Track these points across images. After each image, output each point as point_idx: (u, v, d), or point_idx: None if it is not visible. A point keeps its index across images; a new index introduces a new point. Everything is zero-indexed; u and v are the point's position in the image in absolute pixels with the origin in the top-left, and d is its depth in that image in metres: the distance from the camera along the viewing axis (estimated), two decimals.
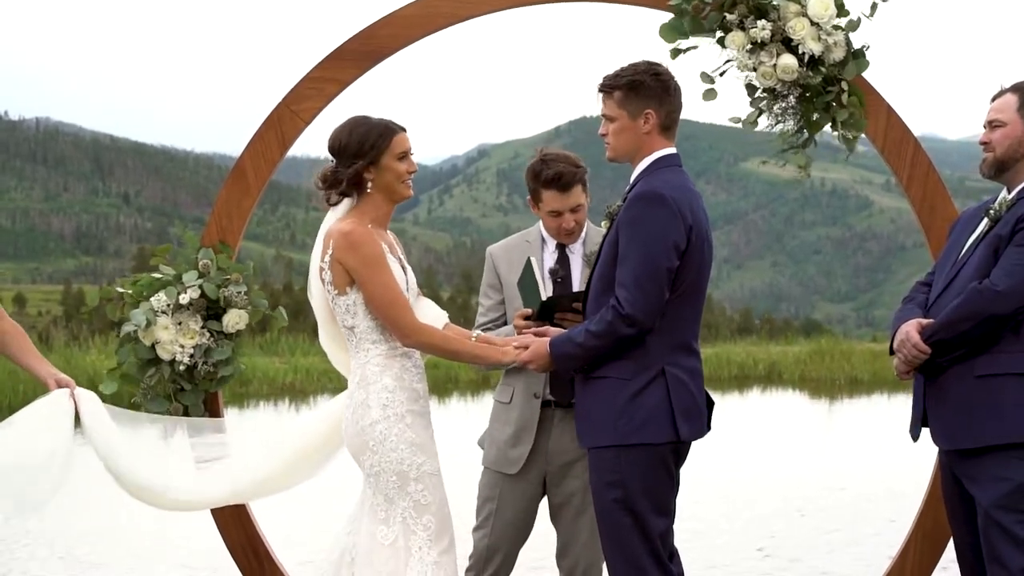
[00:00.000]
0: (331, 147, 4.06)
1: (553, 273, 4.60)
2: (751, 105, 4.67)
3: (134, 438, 4.27)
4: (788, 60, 4.52)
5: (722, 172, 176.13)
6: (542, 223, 4.65)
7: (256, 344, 21.31)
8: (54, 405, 4.14)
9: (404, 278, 4.06)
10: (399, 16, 4.97)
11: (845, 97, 4.59)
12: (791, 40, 4.53)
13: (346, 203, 4.07)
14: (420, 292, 4.19)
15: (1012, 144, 4.16)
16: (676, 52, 4.62)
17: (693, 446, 4.01)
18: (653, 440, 3.84)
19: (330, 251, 3.97)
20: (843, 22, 4.57)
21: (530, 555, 4.89)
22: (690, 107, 4.16)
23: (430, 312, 4.15)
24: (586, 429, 3.95)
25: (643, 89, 3.96)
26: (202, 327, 4.78)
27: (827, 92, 4.60)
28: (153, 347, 4.75)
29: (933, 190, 4.91)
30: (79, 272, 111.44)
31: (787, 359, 22.67)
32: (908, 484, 8.33)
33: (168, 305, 4.73)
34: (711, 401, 4.05)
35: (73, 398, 4.16)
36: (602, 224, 4.50)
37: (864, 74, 4.71)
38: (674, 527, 4.00)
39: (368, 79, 5.03)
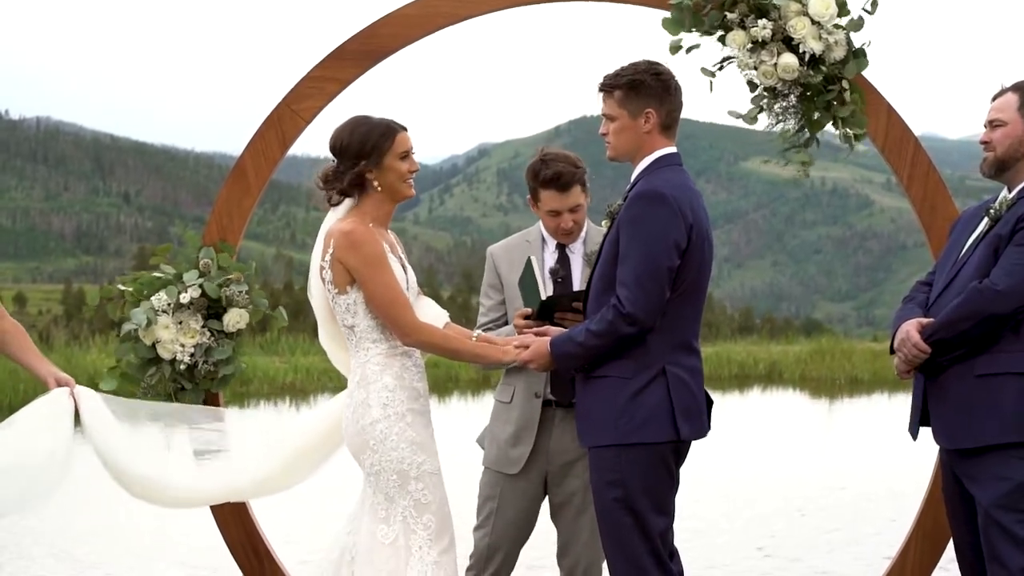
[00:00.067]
0: (332, 146, 4.06)
1: (553, 273, 4.59)
2: (752, 102, 4.67)
3: (133, 435, 4.27)
4: (789, 59, 4.52)
5: (722, 171, 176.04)
6: (541, 222, 4.65)
7: (256, 343, 21.31)
8: (54, 404, 4.14)
9: (405, 277, 4.06)
10: (399, 15, 4.97)
11: (848, 95, 4.59)
12: (792, 39, 4.53)
13: (347, 203, 4.07)
14: (421, 291, 4.19)
15: (1012, 143, 4.16)
16: (675, 48, 4.61)
17: (693, 445, 4.01)
18: (654, 439, 3.85)
19: (331, 250, 3.97)
20: (844, 21, 4.57)
21: (530, 554, 4.89)
22: (690, 106, 4.16)
23: (430, 311, 4.15)
24: (587, 428, 3.95)
25: (643, 88, 3.96)
26: (203, 326, 4.78)
27: (828, 91, 4.60)
28: (154, 346, 4.75)
29: (934, 189, 4.92)
30: (79, 271, 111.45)
31: (787, 358, 22.67)
32: (908, 484, 8.32)
33: (169, 304, 4.73)
34: (710, 400, 4.05)
35: (73, 397, 4.17)
36: (603, 223, 4.50)
37: (864, 73, 4.71)
38: (674, 526, 4.00)
39: (368, 78, 5.05)
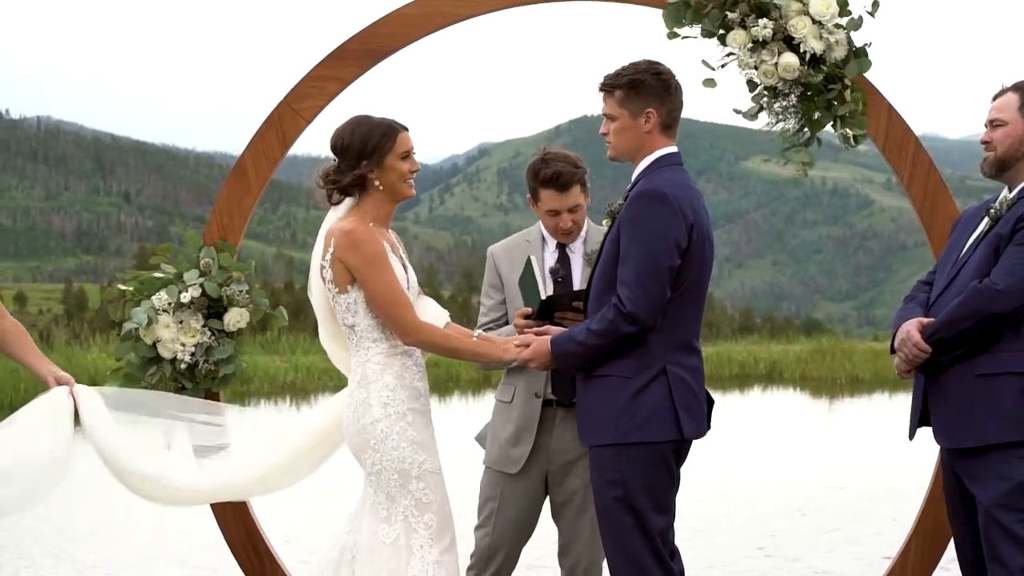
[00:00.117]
0: (333, 146, 4.06)
1: (554, 272, 4.59)
2: (752, 101, 4.67)
3: (133, 434, 4.27)
4: (789, 59, 4.52)
5: (723, 171, 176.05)
6: (541, 222, 4.65)
7: (257, 343, 21.31)
8: (53, 403, 4.14)
9: (405, 277, 4.06)
10: (400, 15, 4.97)
11: (848, 94, 4.59)
12: (792, 39, 4.53)
13: (347, 202, 4.06)
14: (421, 291, 4.19)
15: (1013, 143, 4.16)
16: (673, 34, 4.60)
17: (694, 445, 4.01)
18: (654, 439, 3.85)
19: (331, 249, 3.97)
20: (845, 21, 4.56)
21: (531, 553, 4.89)
22: (691, 106, 4.15)
23: (431, 311, 4.14)
24: (587, 427, 3.95)
25: (644, 88, 3.95)
26: (203, 326, 4.79)
27: (828, 91, 4.59)
28: (154, 345, 4.75)
29: (934, 189, 4.91)
30: (80, 271, 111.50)
31: (788, 358, 22.67)
32: (909, 483, 8.32)
33: (169, 304, 4.73)
34: (711, 400, 4.05)
35: (72, 395, 4.17)
36: (603, 223, 4.50)
37: (865, 73, 4.71)
38: (674, 526, 4.00)
39: (369, 78, 5.05)
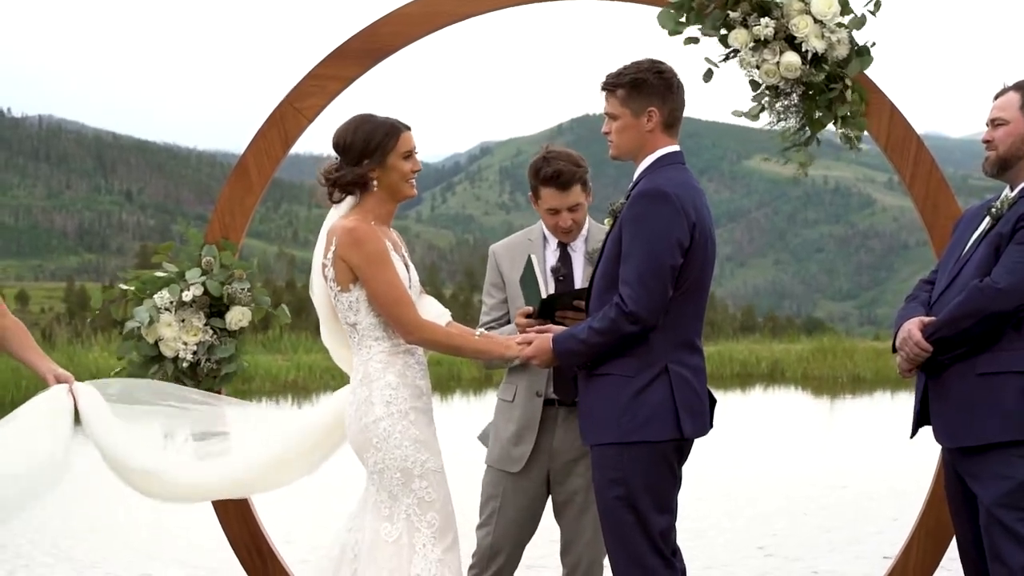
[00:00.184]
0: (336, 145, 4.06)
1: (555, 271, 4.60)
2: (753, 100, 4.67)
3: (133, 429, 4.25)
4: (791, 58, 4.52)
5: (725, 170, 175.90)
6: (542, 220, 4.65)
7: (259, 341, 21.34)
8: (53, 401, 4.13)
9: (407, 276, 4.06)
10: (401, 14, 4.97)
11: (849, 94, 4.59)
12: (794, 38, 4.53)
13: (349, 200, 4.07)
14: (423, 290, 4.19)
15: (1015, 142, 4.16)
16: (676, 31, 4.60)
17: (695, 444, 4.01)
18: (656, 437, 3.84)
19: (333, 248, 3.97)
20: (847, 20, 4.56)
21: (533, 552, 4.89)
22: (693, 105, 4.14)
23: (432, 310, 4.14)
24: (589, 426, 3.95)
25: (646, 87, 3.95)
26: (205, 324, 4.79)
27: (830, 90, 4.59)
28: (156, 344, 4.75)
29: (936, 188, 4.91)
30: (82, 269, 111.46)
31: (789, 357, 22.69)
32: (910, 482, 8.32)
33: (171, 302, 4.73)
34: (713, 399, 4.05)
35: (72, 393, 4.16)
36: (605, 221, 4.50)
37: (867, 72, 4.71)
38: (676, 525, 4.00)
39: (371, 76, 5.04)
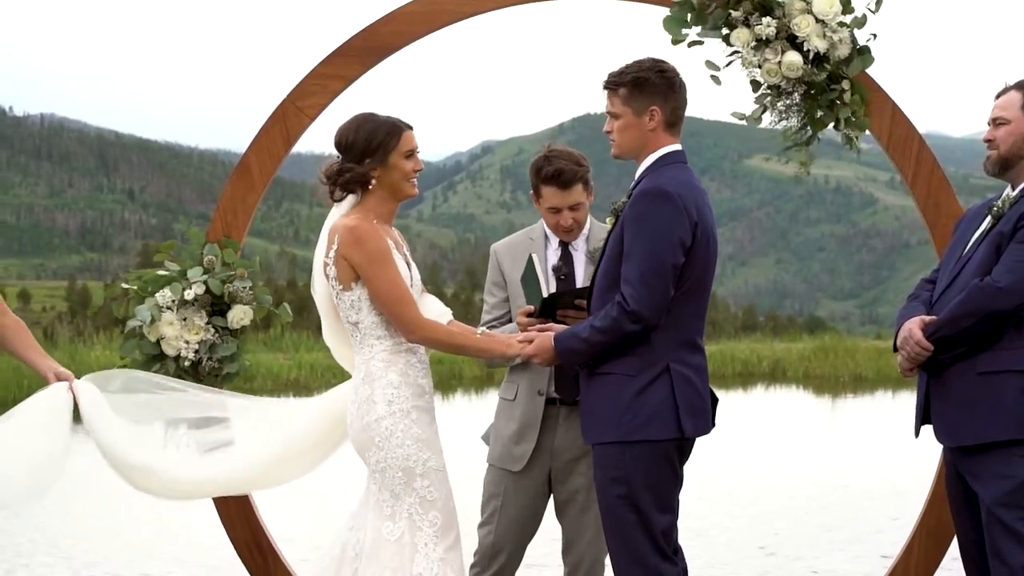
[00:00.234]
0: (337, 143, 4.06)
1: (556, 270, 4.60)
2: (755, 101, 4.67)
3: (133, 426, 4.25)
4: (793, 57, 4.52)
5: (726, 169, 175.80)
6: (543, 219, 4.66)
7: (260, 340, 21.33)
8: (53, 399, 4.13)
9: (409, 274, 4.07)
10: (403, 13, 4.97)
11: (848, 95, 4.59)
12: (796, 37, 4.53)
13: (350, 199, 4.07)
14: (424, 288, 4.20)
15: (1016, 141, 4.16)
16: (677, 41, 4.61)
17: (697, 443, 4.01)
18: (657, 437, 3.85)
19: (335, 246, 3.97)
20: (848, 19, 4.57)
21: (534, 551, 4.89)
22: (695, 104, 4.15)
23: (434, 309, 4.15)
24: (591, 425, 3.95)
25: (648, 86, 3.95)
26: (207, 323, 4.79)
27: (831, 89, 4.60)
28: (158, 343, 4.76)
29: (937, 187, 4.91)
30: (84, 268, 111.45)
31: (791, 356, 22.69)
32: (912, 482, 8.31)
33: (173, 301, 4.73)
34: (715, 398, 4.05)
35: (72, 391, 4.16)
36: (607, 220, 4.50)
37: (869, 71, 4.71)
38: (678, 524, 4.00)
39: (372, 75, 5.05)
